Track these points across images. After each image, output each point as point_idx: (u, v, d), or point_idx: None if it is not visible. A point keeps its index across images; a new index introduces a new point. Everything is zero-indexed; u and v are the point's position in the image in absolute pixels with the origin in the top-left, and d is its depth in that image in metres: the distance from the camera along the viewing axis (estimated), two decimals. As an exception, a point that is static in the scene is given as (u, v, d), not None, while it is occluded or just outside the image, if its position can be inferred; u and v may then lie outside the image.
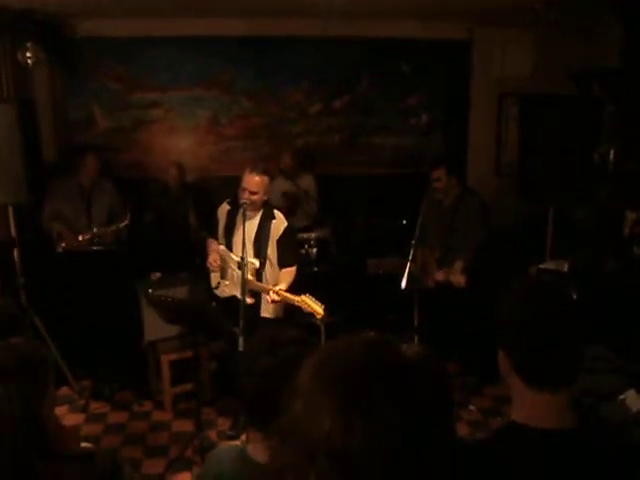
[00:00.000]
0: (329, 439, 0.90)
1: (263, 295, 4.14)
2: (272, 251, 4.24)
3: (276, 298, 4.01)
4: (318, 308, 3.84)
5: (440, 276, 4.87)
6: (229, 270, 4.26)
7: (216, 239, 4.40)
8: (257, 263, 4.10)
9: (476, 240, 4.88)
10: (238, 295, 4.13)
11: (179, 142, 6.39)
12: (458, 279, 4.79)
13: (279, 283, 4.17)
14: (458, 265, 4.86)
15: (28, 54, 5.28)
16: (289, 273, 4.26)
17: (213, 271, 4.35)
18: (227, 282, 4.30)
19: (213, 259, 4.32)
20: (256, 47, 6.23)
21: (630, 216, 4.70)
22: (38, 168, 5.41)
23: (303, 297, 3.90)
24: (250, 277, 4.00)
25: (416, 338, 4.53)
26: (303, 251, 5.53)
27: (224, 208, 4.35)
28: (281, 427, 0.98)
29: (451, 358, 4.75)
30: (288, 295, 4.02)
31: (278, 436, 1.00)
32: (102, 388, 4.93)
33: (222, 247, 4.30)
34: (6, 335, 1.95)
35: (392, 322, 5.53)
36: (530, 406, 1.40)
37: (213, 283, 4.41)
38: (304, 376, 0.99)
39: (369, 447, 0.89)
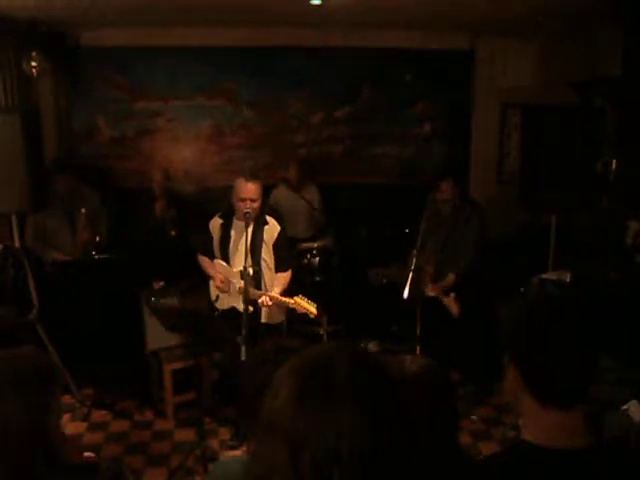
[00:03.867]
0: (279, 418, 0.97)
1: (259, 301, 4.14)
2: (268, 256, 4.25)
3: (268, 302, 4.02)
4: (311, 308, 3.88)
5: (432, 291, 4.72)
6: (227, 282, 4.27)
7: (208, 254, 4.39)
8: (251, 271, 4.10)
9: (469, 255, 4.84)
10: (237, 305, 4.15)
11: (182, 151, 6.41)
12: (452, 307, 4.64)
13: (274, 287, 4.19)
14: (449, 280, 4.79)
15: (33, 63, 5.32)
16: (284, 278, 4.28)
17: (223, 291, 4.30)
18: (225, 294, 4.30)
19: (220, 280, 4.27)
20: (258, 57, 6.25)
21: (633, 226, 4.69)
22: (41, 177, 5.43)
23: (296, 298, 3.94)
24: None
25: (418, 348, 4.53)
26: (305, 260, 5.54)
27: (216, 222, 4.33)
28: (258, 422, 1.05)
29: (453, 367, 4.74)
30: (281, 298, 4.05)
31: (255, 431, 1.06)
32: (104, 397, 4.92)
33: (218, 261, 4.30)
34: (10, 344, 1.95)
35: (394, 331, 5.54)
36: (542, 425, 1.37)
37: (213, 296, 4.40)
38: (277, 374, 1.06)
39: (316, 428, 0.93)
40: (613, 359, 3.16)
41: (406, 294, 4.22)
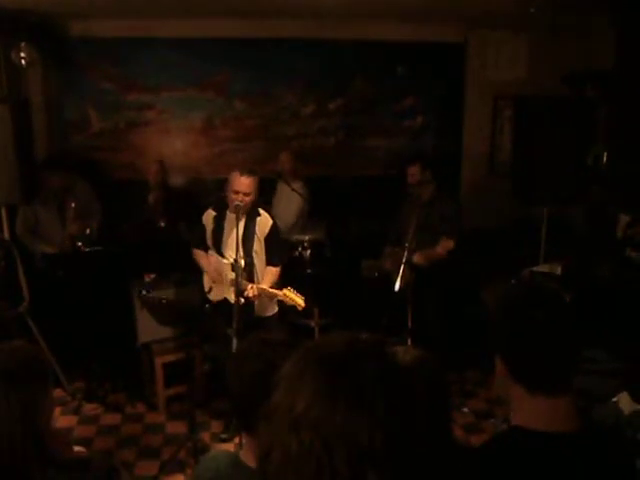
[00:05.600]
0: (308, 412, 0.92)
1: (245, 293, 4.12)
2: (260, 248, 4.25)
3: (255, 293, 4.01)
4: (299, 300, 3.91)
5: (419, 258, 4.72)
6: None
7: (202, 247, 4.38)
8: (242, 262, 4.09)
9: (453, 235, 4.87)
10: (229, 297, 4.14)
11: (173, 143, 6.38)
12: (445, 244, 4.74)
13: (263, 280, 4.18)
14: (447, 243, 4.84)
15: (22, 54, 5.28)
16: (273, 272, 4.27)
17: (215, 280, 4.29)
18: (216, 285, 4.28)
19: (213, 270, 4.28)
20: (250, 49, 6.22)
21: (624, 218, 4.71)
22: (31, 169, 5.39)
23: (285, 291, 3.96)
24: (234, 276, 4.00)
25: (409, 340, 4.53)
26: (297, 253, 5.52)
27: (209, 214, 4.32)
28: (265, 412, 1.01)
29: (444, 360, 4.73)
30: (270, 290, 4.06)
31: (264, 421, 1.02)
32: (95, 390, 4.92)
33: (211, 253, 4.29)
34: (0, 337, 1.94)
35: (386, 324, 5.54)
36: (531, 411, 1.40)
37: (206, 287, 4.40)
38: (288, 364, 1.02)
39: (350, 425, 0.91)
40: (606, 351, 3.17)
41: (397, 286, 4.22)
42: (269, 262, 4.29)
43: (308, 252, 5.55)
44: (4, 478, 1.60)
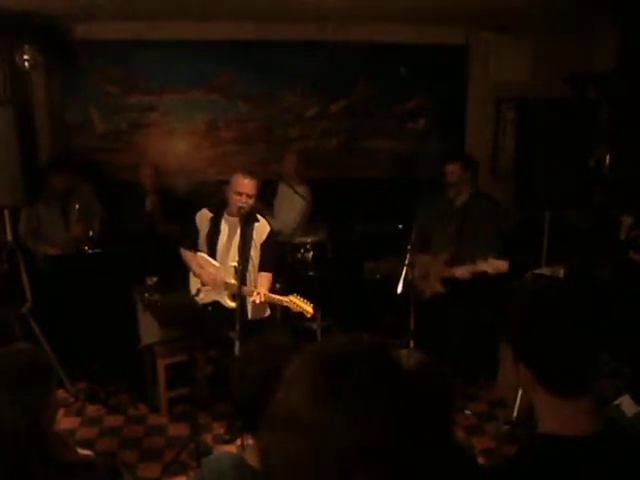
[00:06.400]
0: (304, 413, 0.93)
1: (248, 298, 4.11)
2: (255, 254, 4.25)
3: (262, 299, 3.99)
4: (307, 307, 3.88)
5: (464, 272, 4.57)
6: None
7: (192, 247, 4.37)
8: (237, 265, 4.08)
9: (495, 248, 4.65)
10: (222, 300, 4.15)
11: (176, 145, 6.37)
12: (500, 266, 4.31)
13: (258, 287, 4.16)
14: (501, 262, 4.45)
15: (25, 56, 5.28)
16: (267, 278, 4.25)
17: (210, 290, 4.30)
18: (208, 288, 4.28)
19: (208, 277, 4.26)
20: (253, 51, 6.22)
21: (626, 221, 4.71)
22: (35, 170, 5.41)
23: (291, 297, 3.93)
24: (233, 281, 4.00)
25: (412, 342, 4.53)
26: (299, 255, 5.52)
27: (205, 215, 4.30)
28: (266, 414, 1.01)
29: (444, 361, 4.69)
30: (275, 296, 4.05)
31: (264, 423, 1.02)
32: (98, 391, 4.93)
33: (201, 254, 4.29)
34: (4, 339, 1.95)
35: (388, 326, 5.54)
36: (557, 416, 1.39)
37: (193, 290, 4.36)
38: (290, 367, 1.02)
39: (348, 425, 0.91)
40: (608, 353, 3.18)
41: (400, 289, 4.21)
42: (262, 268, 4.28)
43: (310, 254, 5.54)
44: (8, 478, 1.60)
